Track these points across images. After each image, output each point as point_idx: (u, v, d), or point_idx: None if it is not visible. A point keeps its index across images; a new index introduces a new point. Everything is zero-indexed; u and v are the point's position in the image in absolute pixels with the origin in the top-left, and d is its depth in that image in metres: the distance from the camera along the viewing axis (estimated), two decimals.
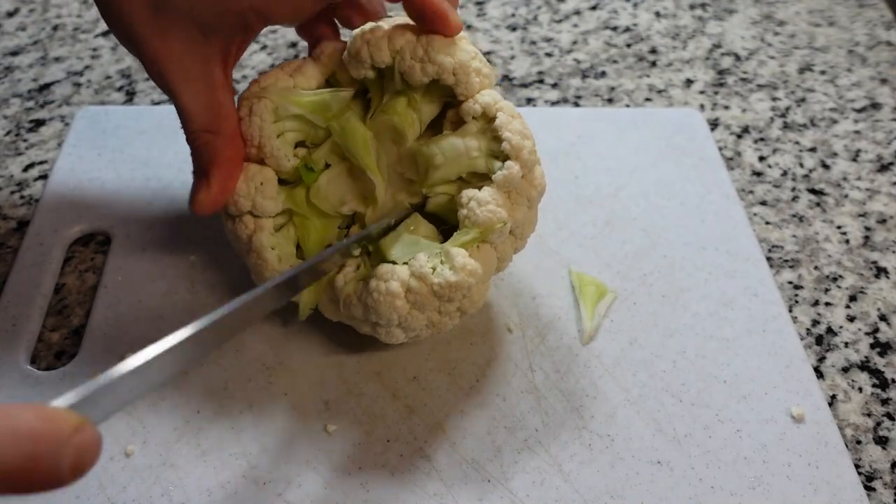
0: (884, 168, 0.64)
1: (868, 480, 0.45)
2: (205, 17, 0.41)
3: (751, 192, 0.62)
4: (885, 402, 0.49)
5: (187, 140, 0.44)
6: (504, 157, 0.43)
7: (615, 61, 0.73)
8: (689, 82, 0.71)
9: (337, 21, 0.48)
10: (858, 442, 0.47)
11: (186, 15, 0.41)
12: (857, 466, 0.45)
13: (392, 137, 0.46)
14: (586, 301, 0.51)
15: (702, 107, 0.69)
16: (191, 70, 0.42)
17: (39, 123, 0.65)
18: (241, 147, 0.44)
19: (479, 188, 0.43)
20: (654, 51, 0.75)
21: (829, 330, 0.53)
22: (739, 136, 0.66)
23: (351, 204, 0.47)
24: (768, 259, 0.56)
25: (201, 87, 0.43)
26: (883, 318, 0.53)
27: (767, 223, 0.59)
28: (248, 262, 0.45)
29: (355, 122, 0.45)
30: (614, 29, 0.77)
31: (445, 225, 0.46)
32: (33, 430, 0.25)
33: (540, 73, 0.71)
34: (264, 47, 0.73)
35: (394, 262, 0.43)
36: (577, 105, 0.68)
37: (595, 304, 0.51)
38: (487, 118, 0.43)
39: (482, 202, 0.42)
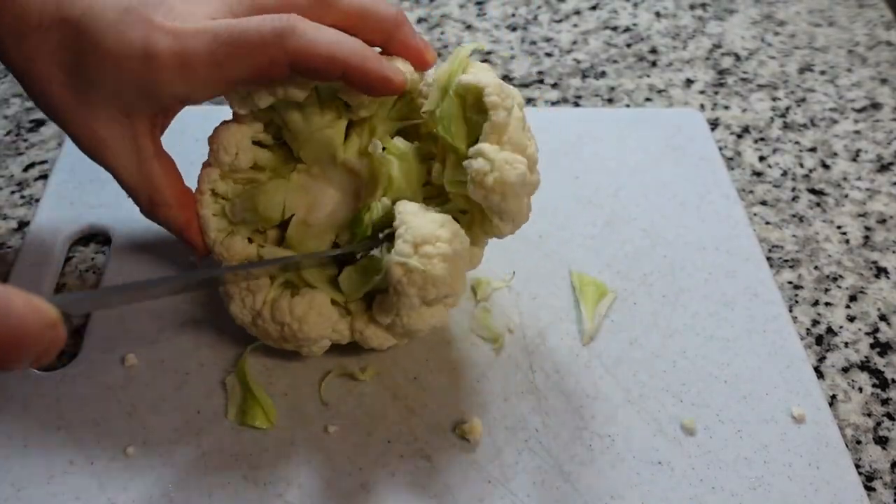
0: (884, 168, 0.64)
1: (868, 480, 0.45)
2: (127, 98, 0.41)
3: (751, 192, 0.62)
4: (885, 402, 0.49)
5: (147, 217, 0.46)
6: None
7: (615, 61, 0.73)
8: (689, 82, 0.71)
9: None
10: (858, 442, 0.47)
11: (109, 96, 0.41)
12: (857, 466, 0.45)
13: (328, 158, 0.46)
14: (586, 301, 0.51)
15: (702, 107, 0.69)
16: (120, 148, 0.43)
17: (40, 123, 0.65)
18: (190, 206, 0.45)
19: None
20: (654, 51, 0.75)
21: (829, 330, 0.53)
22: (739, 136, 0.67)
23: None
24: (768, 259, 0.56)
25: (135, 164, 0.44)
26: (883, 318, 0.53)
27: (767, 223, 0.59)
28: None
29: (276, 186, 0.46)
30: (614, 29, 0.77)
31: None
32: (22, 315, 0.28)
33: (540, 73, 0.71)
34: None
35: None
36: (577, 105, 0.68)
37: (595, 304, 0.51)
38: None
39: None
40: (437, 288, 0.39)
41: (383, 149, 0.45)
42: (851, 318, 0.53)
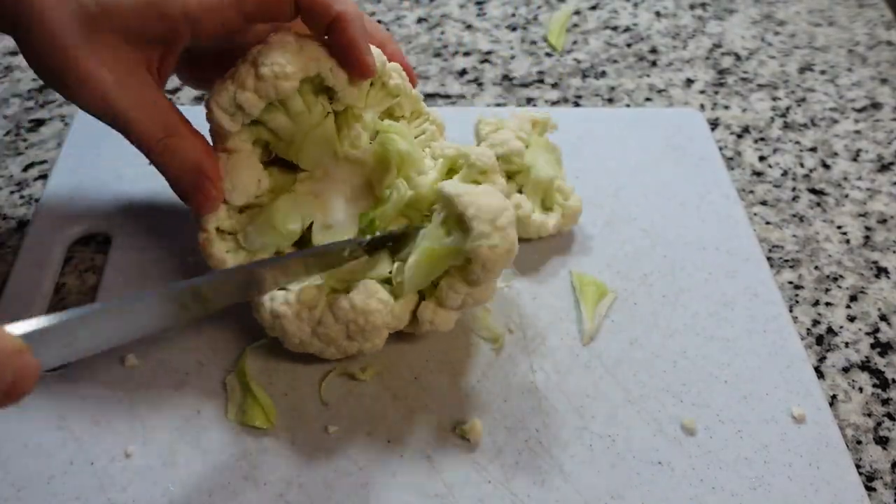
0: (884, 168, 0.64)
1: (868, 480, 0.45)
2: (135, 24, 0.41)
3: (751, 191, 0.62)
4: (885, 402, 0.49)
5: (151, 155, 0.43)
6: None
7: (615, 61, 0.73)
8: (689, 82, 0.71)
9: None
10: (859, 442, 0.47)
11: (116, 25, 0.40)
12: (857, 466, 0.45)
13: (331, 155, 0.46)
14: (587, 301, 0.51)
15: (702, 106, 0.69)
16: (128, 80, 0.42)
17: (39, 123, 0.65)
18: (203, 137, 0.44)
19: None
20: (654, 50, 0.75)
21: (830, 330, 0.53)
22: (740, 136, 0.66)
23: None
24: (768, 259, 0.56)
25: (143, 96, 0.42)
26: (883, 318, 0.53)
27: (768, 223, 0.59)
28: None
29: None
30: (614, 29, 0.77)
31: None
32: None
33: (540, 72, 0.71)
34: None
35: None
36: (577, 105, 0.68)
37: (595, 304, 0.51)
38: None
39: None
40: (514, 250, 0.42)
41: (377, 133, 0.46)
42: (852, 318, 0.53)
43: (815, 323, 0.53)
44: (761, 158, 0.65)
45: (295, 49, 0.42)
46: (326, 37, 0.43)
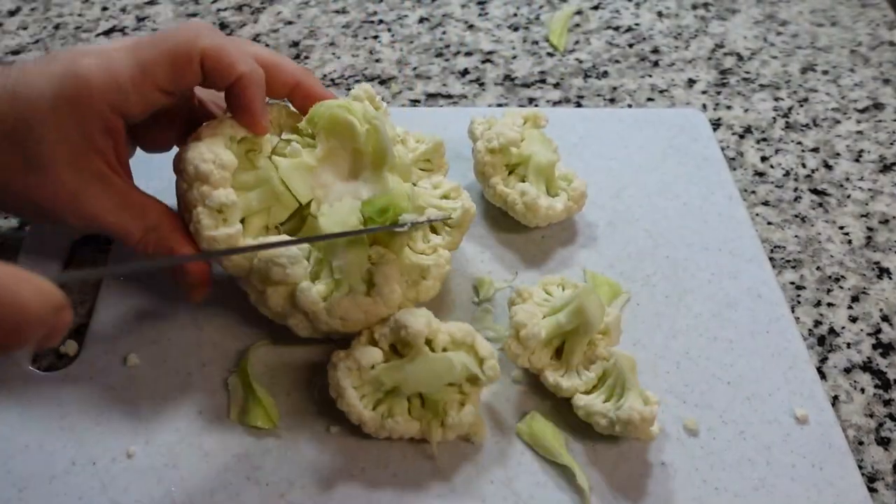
0: (886, 168, 0.64)
1: (870, 482, 0.45)
2: (73, 132, 0.42)
3: (753, 192, 0.62)
4: (887, 402, 0.49)
5: (139, 252, 0.45)
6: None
7: (617, 61, 0.73)
8: (691, 82, 0.71)
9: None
10: (860, 443, 0.47)
11: (59, 147, 0.42)
12: (859, 467, 0.45)
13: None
14: None
15: (704, 107, 0.69)
16: (93, 189, 0.43)
17: None
18: (181, 221, 0.45)
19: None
20: (656, 51, 0.75)
21: (832, 330, 0.53)
22: (742, 137, 0.66)
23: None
24: (770, 259, 0.56)
25: (113, 198, 0.44)
26: (885, 318, 0.53)
27: (769, 223, 0.59)
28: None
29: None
30: (616, 29, 0.77)
31: None
32: (28, 299, 0.30)
33: (542, 73, 0.71)
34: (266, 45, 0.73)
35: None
36: (579, 105, 0.68)
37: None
38: None
39: None
40: None
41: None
42: (854, 319, 0.53)
43: (817, 323, 0.53)
44: (763, 159, 0.65)
45: (210, 139, 0.44)
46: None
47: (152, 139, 0.49)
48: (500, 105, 0.68)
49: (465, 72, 0.71)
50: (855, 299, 0.55)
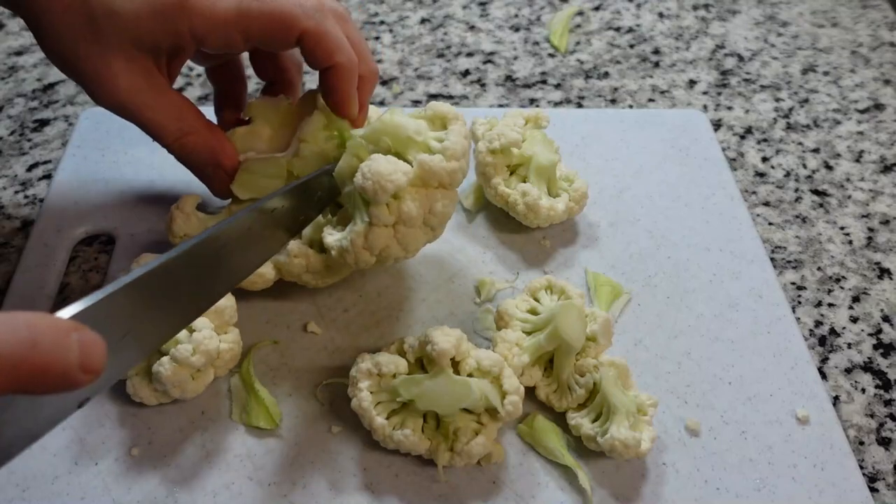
0: (887, 169, 0.64)
1: (871, 482, 0.45)
2: (143, 34, 0.42)
3: (754, 192, 0.62)
4: (888, 403, 0.49)
5: (170, 151, 0.46)
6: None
7: (618, 62, 0.73)
8: (692, 83, 0.71)
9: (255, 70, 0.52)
10: (861, 443, 0.47)
11: (125, 32, 0.42)
12: (860, 468, 0.45)
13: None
14: (600, 301, 0.51)
15: (705, 108, 0.69)
16: (140, 82, 0.43)
17: (44, 123, 0.65)
18: (217, 129, 0.46)
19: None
20: (657, 51, 0.75)
21: (832, 331, 0.53)
22: (742, 137, 0.67)
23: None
24: (771, 260, 0.56)
25: (157, 97, 0.44)
26: (886, 318, 0.54)
27: (770, 224, 0.59)
28: None
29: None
30: (617, 30, 0.77)
31: None
32: (30, 319, 0.25)
33: (543, 73, 0.71)
34: None
35: None
36: (580, 106, 0.68)
37: (609, 304, 0.51)
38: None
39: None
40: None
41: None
42: (854, 319, 0.53)
43: (818, 324, 0.53)
44: (764, 159, 0.65)
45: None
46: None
47: (198, 55, 0.50)
48: (501, 106, 0.68)
49: (466, 72, 0.71)
50: (856, 300, 0.55)
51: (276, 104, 0.49)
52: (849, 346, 0.52)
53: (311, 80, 0.66)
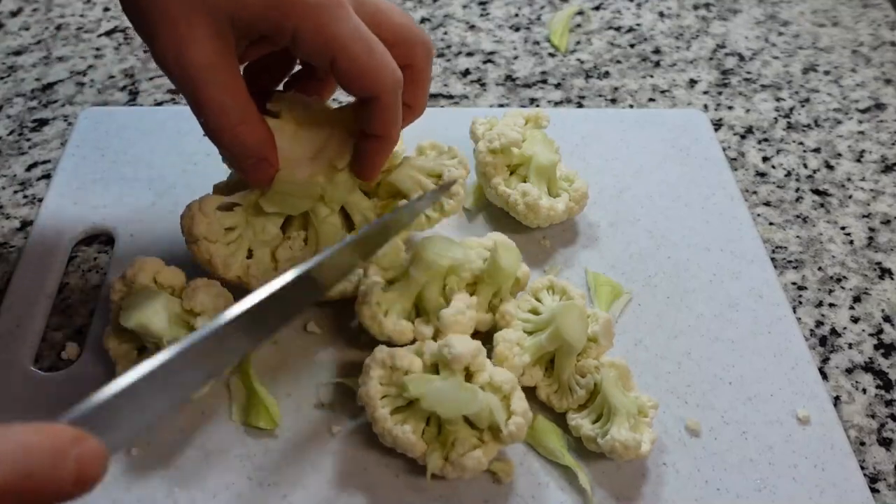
0: (888, 169, 0.64)
1: (872, 482, 0.45)
2: (245, 10, 0.39)
3: (754, 192, 0.62)
4: (889, 403, 0.49)
5: (219, 138, 0.42)
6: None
7: (619, 62, 0.73)
8: (692, 83, 0.71)
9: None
10: (862, 443, 0.47)
11: (219, 7, 0.39)
12: (861, 468, 0.45)
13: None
14: (600, 301, 0.51)
15: (705, 107, 0.69)
16: (219, 62, 0.40)
17: (43, 123, 0.65)
18: (266, 124, 0.44)
19: None
20: (657, 51, 0.75)
21: (833, 331, 0.53)
22: (743, 137, 0.66)
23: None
24: (772, 260, 0.56)
25: (228, 80, 0.41)
26: (887, 319, 0.53)
27: (771, 224, 0.59)
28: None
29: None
30: (618, 29, 0.77)
31: None
32: (26, 443, 0.24)
33: (543, 73, 0.71)
34: None
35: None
36: (580, 106, 0.68)
37: (609, 304, 0.51)
38: None
39: None
40: None
41: None
42: (855, 320, 0.53)
43: (819, 324, 0.53)
44: (765, 159, 0.64)
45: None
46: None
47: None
48: (501, 105, 0.68)
49: (466, 72, 0.71)
50: (857, 300, 0.55)
51: (307, 103, 0.47)
52: (850, 346, 0.52)
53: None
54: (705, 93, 0.70)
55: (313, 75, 0.49)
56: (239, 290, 0.48)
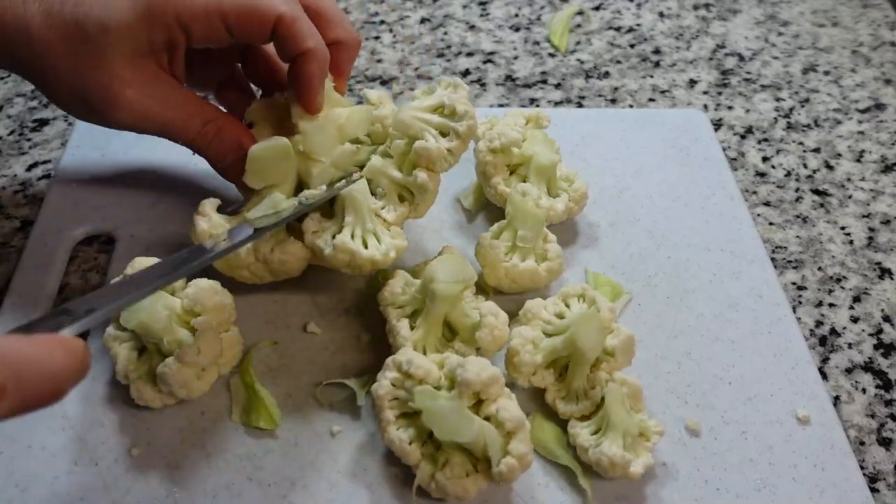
0: (888, 169, 0.64)
1: (872, 482, 0.45)
2: (137, 36, 0.43)
3: (754, 192, 0.62)
4: (888, 403, 0.49)
5: (193, 145, 0.46)
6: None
7: (619, 62, 0.73)
8: (692, 83, 0.71)
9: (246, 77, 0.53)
10: (862, 443, 0.47)
11: (121, 41, 0.43)
12: (860, 468, 0.45)
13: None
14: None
15: (705, 107, 0.69)
16: (152, 87, 0.45)
17: (43, 123, 0.65)
18: (234, 117, 0.48)
19: None
20: (657, 51, 0.75)
21: (833, 331, 0.53)
22: (743, 137, 0.66)
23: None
24: (772, 260, 0.56)
25: (172, 96, 0.45)
26: (887, 318, 0.53)
27: (771, 224, 0.59)
28: None
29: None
30: (618, 29, 0.77)
31: None
32: (63, 369, 0.30)
33: (543, 73, 0.71)
34: None
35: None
36: (580, 106, 0.68)
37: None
38: None
39: None
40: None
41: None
42: (855, 320, 0.53)
43: (819, 324, 0.53)
44: (765, 159, 0.65)
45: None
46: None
47: (200, 75, 0.51)
48: (501, 105, 0.68)
49: (466, 72, 0.71)
50: (856, 300, 0.55)
51: (272, 103, 0.49)
52: (849, 346, 0.52)
53: None
54: (705, 93, 0.70)
55: (272, 82, 0.51)
56: (238, 288, 0.48)
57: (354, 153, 0.48)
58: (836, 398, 0.49)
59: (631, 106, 0.68)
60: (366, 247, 0.45)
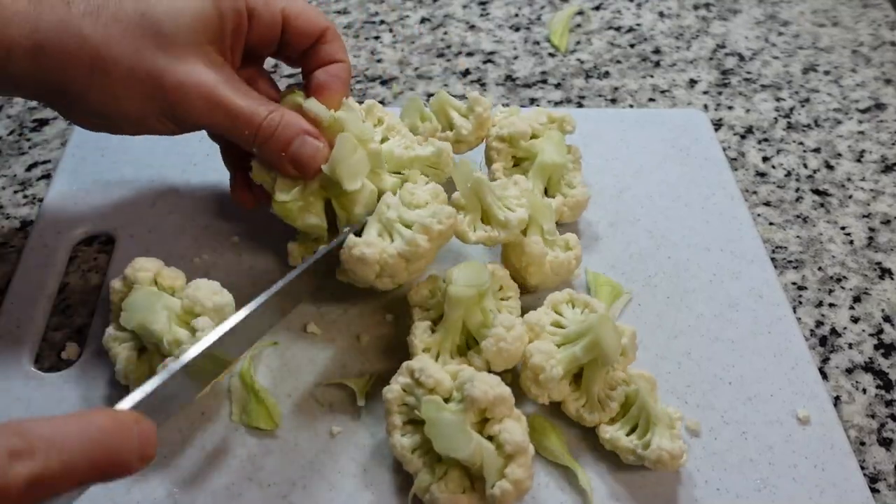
0: (888, 169, 0.64)
1: (872, 482, 0.45)
2: (210, 18, 0.44)
3: (754, 192, 0.62)
4: (889, 403, 0.49)
5: (258, 132, 0.45)
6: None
7: (619, 62, 0.73)
8: (692, 83, 0.71)
9: None
10: (862, 443, 0.47)
11: (194, 26, 0.44)
12: (860, 468, 0.45)
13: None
14: (600, 301, 0.51)
15: (705, 107, 0.69)
16: (222, 75, 0.45)
17: (43, 123, 0.65)
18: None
19: None
20: (657, 51, 0.75)
21: (833, 331, 0.53)
22: (743, 137, 0.66)
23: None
24: (772, 260, 0.56)
25: (239, 86, 0.45)
26: (887, 319, 0.53)
27: (771, 224, 0.59)
28: None
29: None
30: (618, 29, 0.77)
31: None
32: (98, 423, 0.30)
33: (543, 73, 0.71)
34: None
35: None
36: (580, 106, 0.68)
37: (609, 304, 0.51)
38: None
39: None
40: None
41: None
42: (855, 320, 0.53)
43: (819, 324, 0.53)
44: (765, 159, 0.64)
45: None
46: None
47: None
48: (502, 106, 0.68)
49: (466, 72, 0.71)
50: (857, 300, 0.55)
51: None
52: (850, 346, 0.52)
53: None
54: (705, 93, 0.70)
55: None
56: (238, 289, 0.48)
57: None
58: (837, 398, 0.49)
59: (631, 106, 0.68)
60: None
